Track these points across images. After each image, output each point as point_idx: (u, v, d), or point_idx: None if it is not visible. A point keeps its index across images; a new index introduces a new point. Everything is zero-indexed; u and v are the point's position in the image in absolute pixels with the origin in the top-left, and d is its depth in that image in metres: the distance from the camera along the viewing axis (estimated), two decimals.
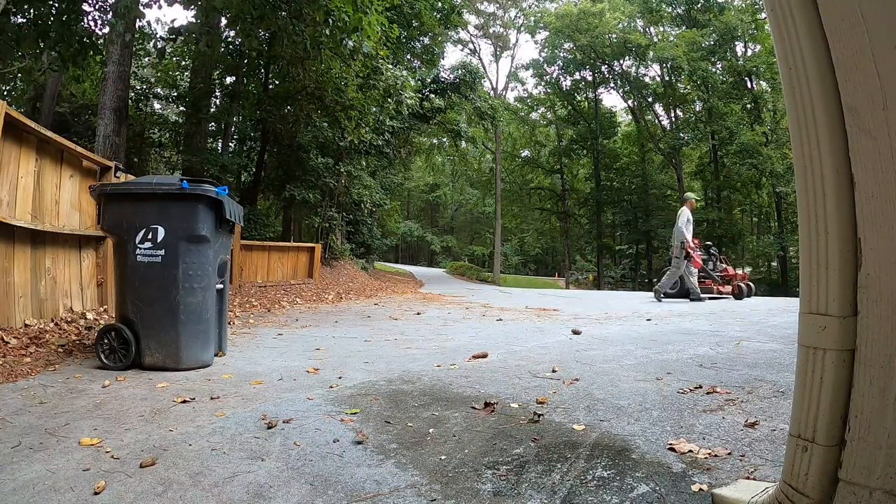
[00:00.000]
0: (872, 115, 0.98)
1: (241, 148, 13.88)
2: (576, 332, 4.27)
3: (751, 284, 9.17)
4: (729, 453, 1.62)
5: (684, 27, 24.81)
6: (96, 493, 1.38)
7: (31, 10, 6.90)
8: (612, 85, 28.88)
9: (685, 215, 8.07)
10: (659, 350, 3.47)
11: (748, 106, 23.86)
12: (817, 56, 1.04)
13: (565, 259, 31.07)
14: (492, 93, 26.92)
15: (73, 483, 1.43)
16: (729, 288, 8.64)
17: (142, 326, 2.91)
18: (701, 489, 1.38)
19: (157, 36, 10.67)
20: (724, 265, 9.13)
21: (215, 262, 3.12)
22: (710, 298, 8.45)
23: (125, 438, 1.80)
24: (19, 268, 3.41)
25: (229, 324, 4.21)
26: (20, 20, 7.09)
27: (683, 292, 8.70)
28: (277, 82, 11.88)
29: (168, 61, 13.47)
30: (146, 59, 13.52)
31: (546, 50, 28.14)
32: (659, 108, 28.30)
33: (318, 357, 3.42)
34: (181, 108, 13.17)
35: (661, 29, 26.83)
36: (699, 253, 8.91)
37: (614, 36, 25.57)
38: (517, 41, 40.48)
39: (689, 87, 25.19)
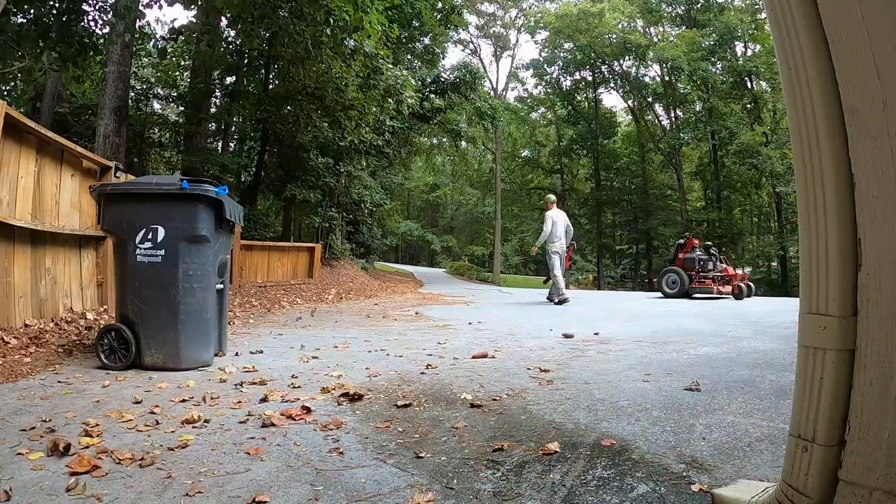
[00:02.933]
0: (872, 116, 0.98)
1: (241, 148, 13.88)
2: (567, 336, 4.18)
3: (751, 284, 9.15)
4: (729, 453, 1.62)
5: (684, 27, 24.79)
6: (96, 493, 1.38)
7: (31, 10, 6.90)
8: (612, 85, 28.84)
9: (547, 217, 7.90)
10: (659, 350, 3.47)
11: (748, 106, 23.84)
12: (817, 56, 1.04)
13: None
14: (492, 93, 26.89)
15: (72, 483, 1.43)
16: (729, 288, 8.62)
17: (142, 326, 2.91)
18: (701, 489, 1.38)
19: (158, 36, 10.68)
20: (724, 265, 9.10)
21: (215, 262, 3.12)
22: (711, 298, 8.44)
23: (125, 438, 1.80)
24: (19, 268, 3.41)
25: (229, 324, 4.21)
26: (20, 20, 7.09)
27: (683, 292, 8.69)
28: (277, 82, 11.88)
29: (168, 61, 13.47)
30: (146, 59, 13.51)
31: (546, 50, 28.11)
32: (659, 108, 28.28)
33: (318, 357, 3.42)
34: (181, 108, 13.16)
35: (661, 29, 26.81)
36: (568, 255, 8.57)
37: (614, 36, 25.55)
38: (517, 41, 40.40)
39: (689, 87, 25.15)
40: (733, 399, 2.22)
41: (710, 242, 10.12)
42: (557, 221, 7.88)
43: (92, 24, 7.49)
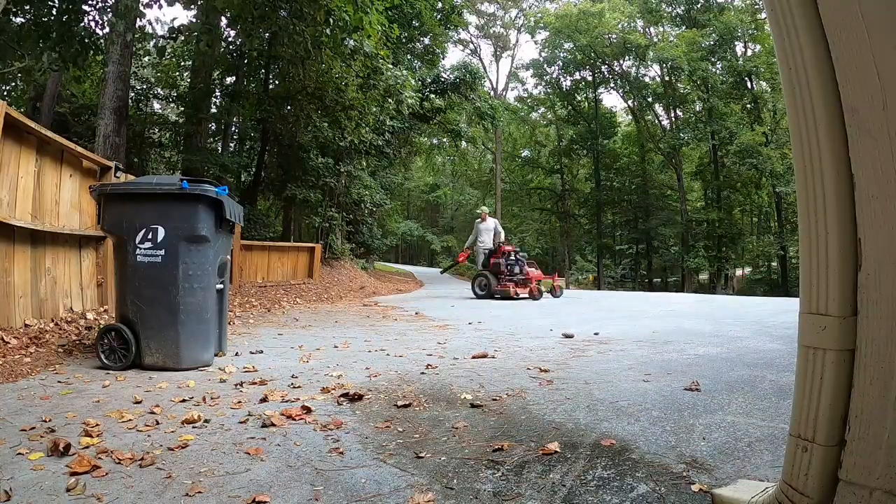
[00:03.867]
0: (872, 116, 0.98)
1: (241, 148, 13.88)
2: (567, 336, 4.18)
3: (561, 286, 10.20)
4: (729, 453, 1.62)
5: (684, 27, 24.79)
6: (96, 493, 1.38)
7: (31, 10, 6.90)
8: (612, 85, 28.84)
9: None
10: (659, 350, 3.47)
11: (748, 106, 23.84)
12: (817, 56, 1.04)
13: (565, 259, 31.05)
14: (492, 93, 26.92)
15: (72, 483, 1.43)
16: (527, 290, 9.32)
17: (142, 326, 2.91)
18: (701, 489, 1.38)
19: (158, 36, 10.67)
20: (529, 269, 9.70)
21: (215, 262, 3.12)
22: (508, 299, 8.99)
23: (125, 438, 1.80)
24: (19, 268, 3.41)
25: (229, 324, 4.21)
26: (20, 20, 7.09)
27: (490, 294, 9.36)
28: (277, 82, 11.88)
29: (168, 61, 13.46)
30: (146, 59, 13.50)
31: (546, 50, 28.13)
32: (659, 108, 28.27)
33: (318, 357, 3.42)
34: (181, 108, 13.15)
35: (661, 29, 26.81)
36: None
37: (614, 36, 25.55)
38: (517, 41, 40.50)
39: (689, 87, 25.16)
40: (733, 399, 2.22)
41: (520, 250, 10.61)
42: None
43: (92, 24, 7.49)
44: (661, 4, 25.40)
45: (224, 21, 10.51)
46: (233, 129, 13.57)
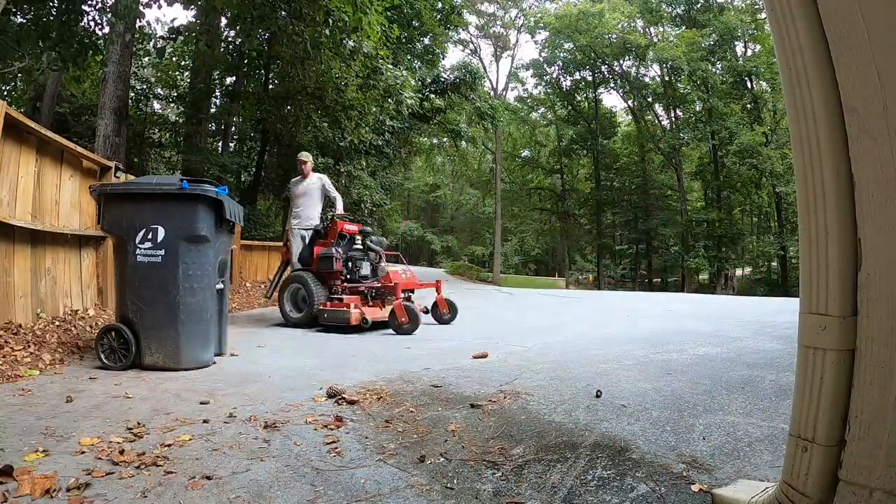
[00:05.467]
0: (872, 116, 0.98)
1: (241, 148, 13.88)
2: (560, 338, 4.05)
3: (451, 302, 5.37)
4: (729, 453, 1.62)
5: (684, 27, 24.79)
6: (97, 493, 1.38)
7: (32, 10, 6.90)
8: (612, 85, 28.86)
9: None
10: (659, 350, 3.47)
11: (748, 106, 23.84)
12: (817, 56, 1.04)
13: (565, 259, 31.07)
14: (492, 93, 26.88)
15: (72, 483, 1.43)
16: (388, 310, 4.97)
17: (142, 326, 2.91)
18: (701, 489, 1.38)
19: (157, 36, 10.68)
20: (389, 267, 5.63)
21: (215, 262, 3.12)
22: (347, 329, 4.82)
23: (125, 438, 1.80)
24: (19, 268, 3.41)
25: (230, 324, 4.20)
26: (20, 20, 7.09)
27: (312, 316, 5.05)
28: (277, 82, 11.89)
29: (168, 61, 13.47)
30: (146, 59, 13.50)
31: (546, 50, 28.13)
32: (659, 108, 28.27)
33: (317, 357, 3.42)
34: (181, 108, 13.15)
35: (661, 29, 26.81)
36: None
37: (614, 36, 25.55)
38: (517, 41, 40.37)
39: (688, 87, 25.16)
40: (733, 399, 2.22)
41: (371, 231, 5.92)
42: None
43: (92, 23, 7.48)
44: (661, 4, 25.40)
45: (224, 21, 10.52)
46: (233, 129, 13.58)
